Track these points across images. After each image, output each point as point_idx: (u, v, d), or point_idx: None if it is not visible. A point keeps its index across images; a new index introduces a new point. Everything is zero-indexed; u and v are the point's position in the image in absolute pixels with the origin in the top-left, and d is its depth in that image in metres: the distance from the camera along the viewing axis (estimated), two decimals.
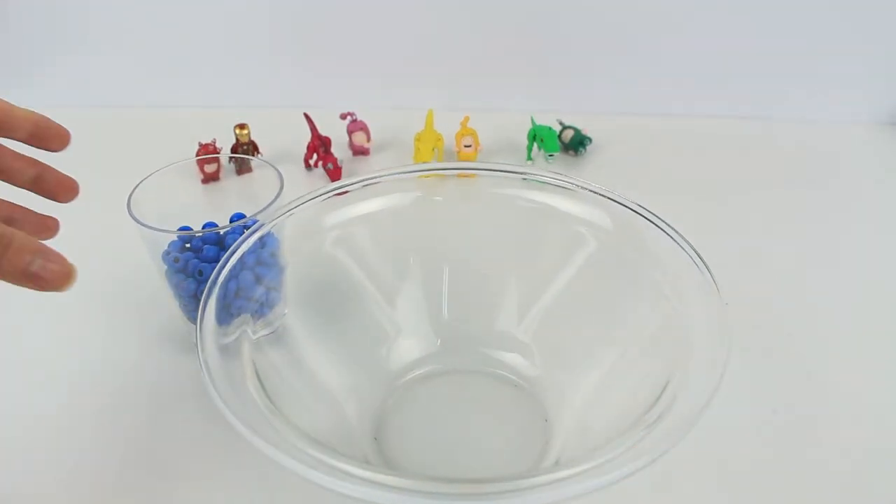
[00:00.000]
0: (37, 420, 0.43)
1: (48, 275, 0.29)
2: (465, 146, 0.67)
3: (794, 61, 0.75)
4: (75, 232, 0.60)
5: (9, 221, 0.36)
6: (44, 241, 0.30)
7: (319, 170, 0.68)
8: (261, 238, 0.39)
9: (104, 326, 0.49)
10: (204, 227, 0.43)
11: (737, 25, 0.73)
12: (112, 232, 0.60)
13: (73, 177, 0.38)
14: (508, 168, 0.44)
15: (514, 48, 0.76)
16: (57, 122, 0.36)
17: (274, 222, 0.41)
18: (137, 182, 0.45)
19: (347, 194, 0.43)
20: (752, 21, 0.73)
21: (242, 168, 0.68)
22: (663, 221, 0.40)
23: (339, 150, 0.70)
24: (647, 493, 0.38)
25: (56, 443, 0.41)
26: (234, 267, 0.37)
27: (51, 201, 0.37)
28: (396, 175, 0.44)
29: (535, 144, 0.69)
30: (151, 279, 0.55)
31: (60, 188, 0.37)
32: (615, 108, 0.78)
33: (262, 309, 0.39)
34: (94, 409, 0.43)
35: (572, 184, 0.43)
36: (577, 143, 0.70)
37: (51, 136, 0.36)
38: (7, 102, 0.35)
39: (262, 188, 0.52)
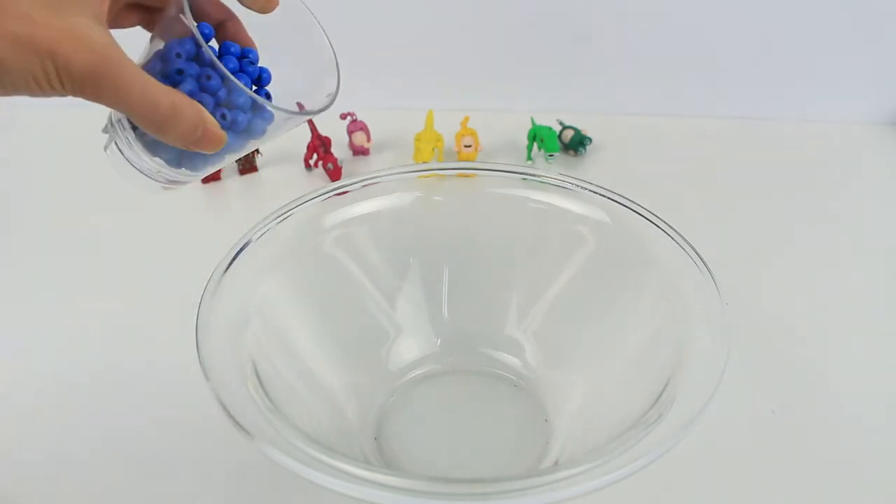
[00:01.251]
0: (29, 416, 0.43)
1: (207, 140, 0.32)
2: (465, 146, 0.67)
3: (794, 61, 0.75)
4: (75, 230, 0.60)
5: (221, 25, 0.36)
6: None
7: (319, 170, 0.68)
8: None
9: (100, 321, 0.49)
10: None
11: (737, 25, 0.73)
12: (110, 228, 0.60)
13: None
14: (508, 168, 0.44)
15: (514, 48, 0.76)
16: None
17: (275, 221, 0.40)
18: None
19: (347, 194, 0.43)
20: (752, 21, 0.73)
21: (245, 167, 0.68)
22: (663, 221, 0.40)
23: (339, 150, 0.70)
24: (648, 493, 0.38)
25: (50, 438, 0.41)
26: None
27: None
28: (396, 175, 0.44)
29: (535, 144, 0.69)
30: (158, 291, 0.55)
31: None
32: (615, 108, 0.78)
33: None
34: (92, 407, 0.43)
35: (572, 184, 0.43)
36: (577, 143, 0.70)
37: None
38: None
39: (265, 188, 0.52)
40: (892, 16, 0.71)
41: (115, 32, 0.29)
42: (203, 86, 0.32)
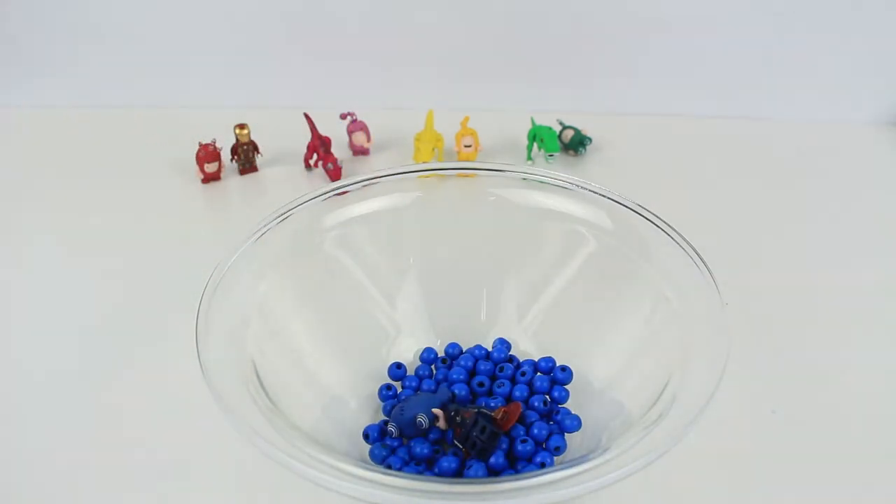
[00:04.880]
0: (28, 416, 0.43)
1: None
2: (465, 146, 0.67)
3: (793, 61, 0.75)
4: (75, 228, 0.60)
5: None
6: None
7: (319, 170, 0.68)
8: None
9: (99, 321, 0.49)
10: None
11: (736, 25, 0.73)
12: (110, 229, 0.60)
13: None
14: (508, 168, 0.44)
15: (514, 48, 0.76)
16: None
17: (275, 221, 0.41)
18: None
19: (347, 194, 0.43)
20: (752, 21, 0.73)
21: (245, 167, 0.68)
22: (663, 221, 0.40)
23: (339, 150, 0.70)
24: (648, 493, 0.38)
25: (49, 438, 0.41)
26: None
27: None
28: (396, 175, 0.44)
29: (535, 144, 0.69)
30: (158, 292, 0.55)
31: None
32: (615, 108, 0.78)
33: None
34: (91, 407, 0.43)
35: (572, 184, 0.43)
36: (577, 143, 0.70)
37: None
38: None
39: (265, 188, 0.52)
40: (892, 16, 0.71)
41: None
42: None
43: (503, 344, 0.44)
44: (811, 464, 0.40)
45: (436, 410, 0.38)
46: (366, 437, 0.39)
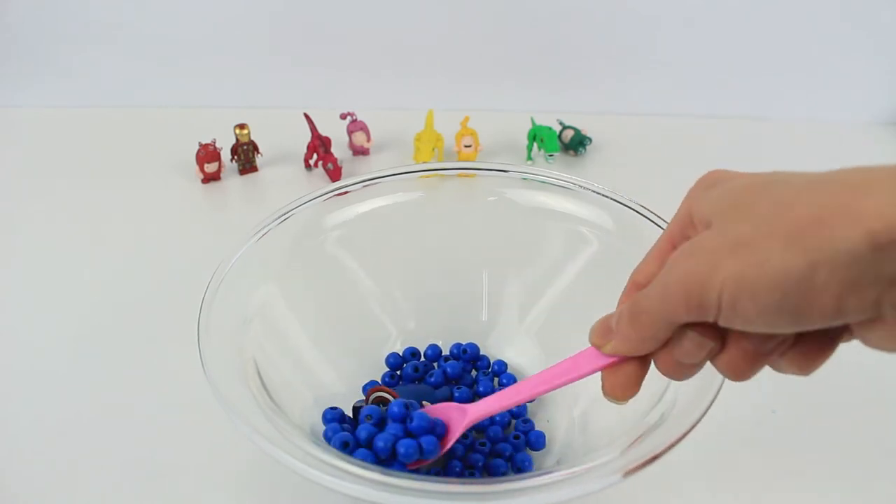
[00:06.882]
0: (30, 418, 0.43)
1: None
2: (465, 146, 0.67)
3: (793, 61, 0.75)
4: (75, 229, 0.60)
5: None
6: None
7: (319, 170, 0.68)
8: None
9: (100, 322, 0.49)
10: None
11: (737, 25, 0.73)
12: (110, 229, 0.60)
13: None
14: (508, 168, 0.44)
15: (514, 48, 0.76)
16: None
17: (275, 221, 0.41)
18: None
19: (347, 194, 0.43)
20: (753, 21, 0.73)
21: (245, 167, 0.68)
22: (664, 221, 0.40)
23: (339, 150, 0.70)
24: (648, 493, 0.38)
25: (50, 440, 0.41)
26: None
27: None
28: (396, 175, 0.44)
29: (535, 144, 0.69)
30: (159, 292, 0.55)
31: None
32: (615, 108, 0.78)
33: None
34: (93, 408, 0.43)
35: (572, 184, 0.43)
36: (577, 143, 0.70)
37: None
38: None
39: (265, 188, 0.51)
40: (893, 16, 0.71)
41: None
42: None
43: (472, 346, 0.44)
44: (811, 464, 0.40)
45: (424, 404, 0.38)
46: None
